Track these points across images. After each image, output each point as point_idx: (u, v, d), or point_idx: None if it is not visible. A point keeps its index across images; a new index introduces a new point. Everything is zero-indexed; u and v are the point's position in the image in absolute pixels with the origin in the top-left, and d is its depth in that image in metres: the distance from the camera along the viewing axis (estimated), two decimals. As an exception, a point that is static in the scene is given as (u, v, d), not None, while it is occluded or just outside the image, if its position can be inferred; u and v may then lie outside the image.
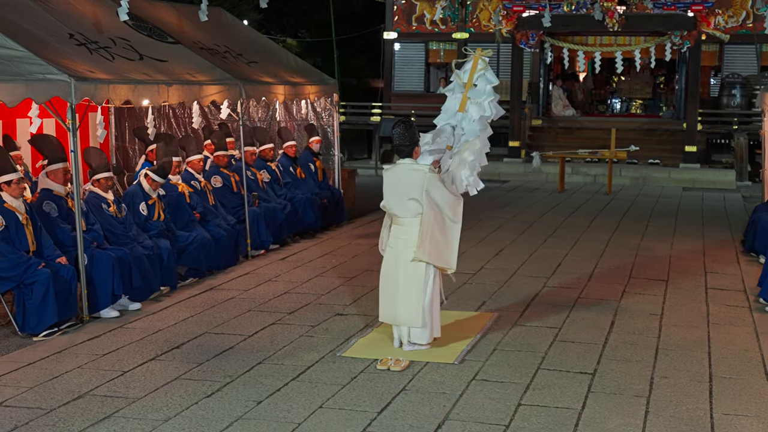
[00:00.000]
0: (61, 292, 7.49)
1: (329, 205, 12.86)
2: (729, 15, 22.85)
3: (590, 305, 8.59)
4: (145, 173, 9.24)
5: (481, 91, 7.59)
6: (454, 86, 7.71)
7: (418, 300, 6.95)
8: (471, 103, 7.55)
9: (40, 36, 8.27)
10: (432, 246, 6.92)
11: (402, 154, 7.02)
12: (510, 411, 5.81)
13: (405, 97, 25.43)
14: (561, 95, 24.60)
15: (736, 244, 11.89)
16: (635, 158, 20.50)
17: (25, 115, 9.91)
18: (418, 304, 6.95)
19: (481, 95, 7.57)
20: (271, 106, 13.67)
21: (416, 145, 7.05)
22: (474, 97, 7.56)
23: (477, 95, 7.57)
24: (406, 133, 6.99)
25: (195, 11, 11.28)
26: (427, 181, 6.86)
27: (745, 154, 19.84)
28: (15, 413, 5.69)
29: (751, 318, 8.22)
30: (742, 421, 5.67)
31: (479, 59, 7.57)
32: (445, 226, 6.97)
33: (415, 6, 25.08)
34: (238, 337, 7.41)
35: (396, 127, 7.02)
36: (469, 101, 7.54)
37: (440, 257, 7.02)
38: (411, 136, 7.00)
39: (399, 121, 7.08)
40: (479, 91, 7.58)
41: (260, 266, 10.22)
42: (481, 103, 7.53)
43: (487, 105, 7.55)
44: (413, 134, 7.03)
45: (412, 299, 6.96)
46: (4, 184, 7.56)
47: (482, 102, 7.53)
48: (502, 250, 11.30)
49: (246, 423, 5.56)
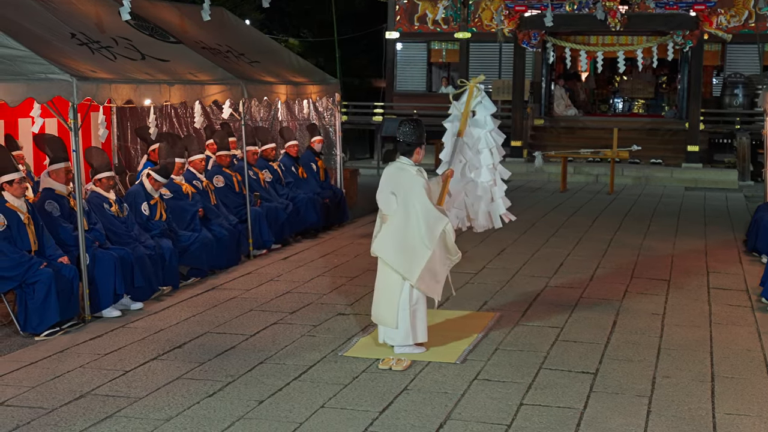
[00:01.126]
0: (63, 291, 7.49)
1: (331, 204, 12.86)
2: (731, 14, 22.83)
3: (592, 305, 8.59)
4: (148, 173, 9.24)
5: (482, 122, 7.59)
6: (453, 118, 7.63)
7: (390, 298, 6.87)
8: (470, 125, 7.56)
9: (42, 35, 8.28)
10: (390, 244, 6.79)
11: (403, 152, 6.99)
12: (512, 410, 5.80)
13: (407, 96, 25.43)
14: (563, 95, 24.59)
15: (738, 244, 11.88)
16: (637, 158, 20.48)
17: (27, 115, 9.92)
18: (390, 302, 6.87)
19: (483, 126, 7.58)
20: (273, 106, 13.67)
21: (419, 146, 6.94)
22: (475, 126, 7.56)
23: (478, 125, 7.57)
24: (411, 132, 6.92)
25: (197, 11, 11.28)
26: (409, 181, 6.79)
27: (748, 154, 19.82)
28: (17, 413, 5.69)
29: (753, 318, 8.21)
30: (744, 421, 5.67)
31: (474, 87, 7.53)
32: (413, 239, 6.74)
33: (417, 6, 25.08)
34: (239, 337, 7.41)
35: (403, 125, 6.96)
36: (468, 125, 7.53)
37: (396, 258, 6.81)
38: (416, 135, 6.92)
39: (408, 120, 7.03)
40: (479, 122, 7.59)
41: (262, 266, 10.22)
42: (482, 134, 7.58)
43: (490, 135, 7.57)
44: (419, 135, 6.93)
45: (385, 297, 6.91)
46: (6, 184, 7.56)
47: (483, 134, 7.56)
48: (504, 250, 11.29)
49: (247, 422, 5.56)
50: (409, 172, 6.86)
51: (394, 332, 6.94)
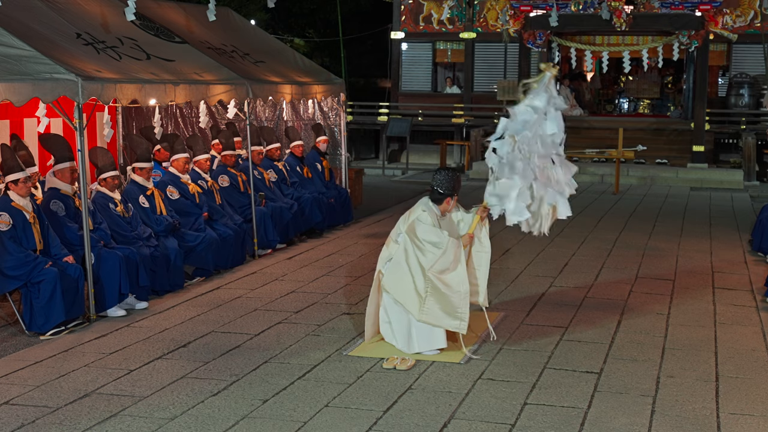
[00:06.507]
0: (68, 291, 7.51)
1: (336, 204, 12.87)
2: (737, 14, 22.79)
3: (597, 305, 8.58)
4: (132, 168, 9.32)
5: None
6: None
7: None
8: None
9: (48, 35, 8.30)
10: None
11: (434, 199, 6.96)
12: (516, 410, 5.80)
13: (412, 96, 25.43)
14: (569, 95, 24.53)
15: (743, 244, 11.87)
16: (643, 158, 20.45)
17: (32, 115, 9.94)
18: None
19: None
20: (278, 106, 13.68)
21: (450, 197, 6.91)
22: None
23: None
24: (445, 180, 6.88)
25: (202, 11, 11.31)
26: (415, 218, 6.81)
27: (753, 154, 19.78)
28: (22, 411, 5.70)
29: (758, 317, 8.20)
30: (749, 421, 5.66)
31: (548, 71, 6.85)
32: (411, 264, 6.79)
33: (422, 6, 25.07)
34: (244, 336, 7.42)
35: (439, 173, 6.90)
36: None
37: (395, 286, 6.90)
38: (449, 185, 6.87)
39: (445, 168, 7.00)
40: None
41: (267, 265, 10.23)
42: None
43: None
44: (453, 186, 6.87)
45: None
46: (11, 183, 7.58)
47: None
48: (509, 250, 11.29)
49: (252, 422, 5.57)
50: (418, 208, 6.89)
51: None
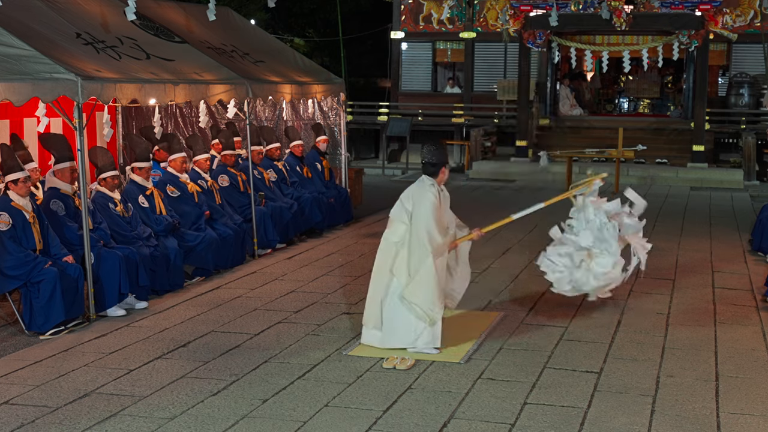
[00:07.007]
0: (68, 290, 7.50)
1: (336, 204, 12.87)
2: (737, 14, 22.80)
3: (597, 305, 8.57)
4: (131, 168, 9.30)
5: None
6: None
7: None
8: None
9: (48, 35, 8.30)
10: None
11: (428, 172, 7.04)
12: (516, 410, 5.80)
13: (412, 96, 25.44)
14: (568, 95, 24.57)
15: (743, 244, 11.86)
16: (643, 158, 20.45)
17: (32, 114, 9.93)
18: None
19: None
20: (278, 106, 13.68)
21: (444, 165, 7.05)
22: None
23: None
24: (434, 151, 7.04)
25: (202, 11, 11.30)
26: (420, 196, 6.85)
27: (753, 154, 19.78)
28: (21, 411, 5.70)
29: (758, 317, 8.20)
30: (749, 421, 5.66)
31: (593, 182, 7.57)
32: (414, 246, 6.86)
33: (422, 5, 25.07)
34: (244, 336, 7.42)
35: (426, 147, 7.08)
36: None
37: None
38: (439, 155, 7.04)
39: (430, 142, 7.18)
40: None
41: (267, 265, 10.23)
42: None
43: None
44: (442, 155, 7.07)
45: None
46: (11, 183, 7.58)
47: None
48: (509, 249, 11.29)
49: (252, 421, 5.57)
50: (424, 185, 6.93)
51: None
